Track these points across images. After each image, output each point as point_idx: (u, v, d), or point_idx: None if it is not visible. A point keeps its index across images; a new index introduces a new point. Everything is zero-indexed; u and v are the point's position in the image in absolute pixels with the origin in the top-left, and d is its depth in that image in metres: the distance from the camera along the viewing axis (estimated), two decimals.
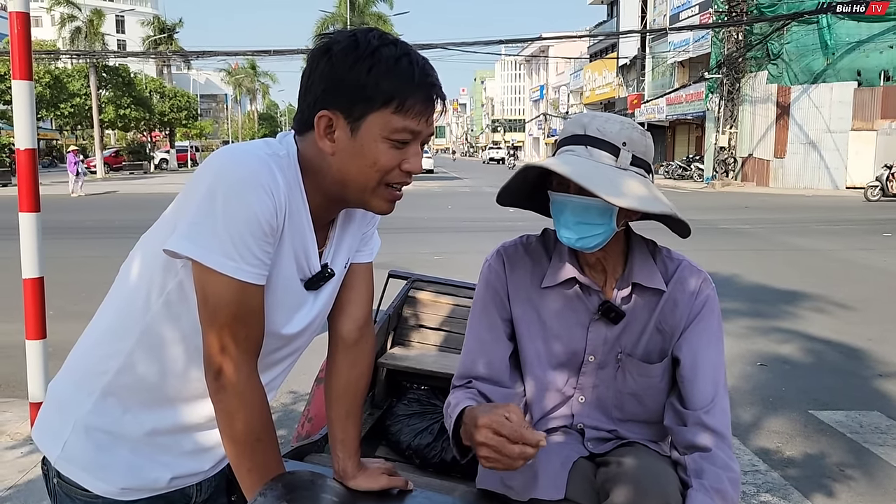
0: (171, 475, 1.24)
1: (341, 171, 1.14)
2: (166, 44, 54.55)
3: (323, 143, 1.13)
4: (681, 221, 1.41)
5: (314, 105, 1.13)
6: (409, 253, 9.59)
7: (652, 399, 1.47)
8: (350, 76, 1.10)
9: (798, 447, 3.75)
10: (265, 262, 1.11)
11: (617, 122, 1.38)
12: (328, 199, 1.20)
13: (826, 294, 7.41)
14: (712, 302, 1.45)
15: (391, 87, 1.09)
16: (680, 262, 1.47)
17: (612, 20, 47.80)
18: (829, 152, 24.97)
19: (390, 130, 1.11)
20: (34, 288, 3.57)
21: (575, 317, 1.46)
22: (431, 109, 1.14)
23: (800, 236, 12.54)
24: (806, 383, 4.77)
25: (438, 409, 1.99)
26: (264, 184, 1.07)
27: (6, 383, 4.68)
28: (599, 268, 1.46)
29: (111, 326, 1.23)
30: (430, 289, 2.33)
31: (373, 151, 1.12)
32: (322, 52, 1.13)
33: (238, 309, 1.10)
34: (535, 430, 1.20)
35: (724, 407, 1.41)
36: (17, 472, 3.18)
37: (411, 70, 1.11)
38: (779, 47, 26.31)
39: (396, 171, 1.15)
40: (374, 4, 39.62)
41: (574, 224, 1.36)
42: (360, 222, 1.35)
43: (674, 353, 1.44)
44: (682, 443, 1.40)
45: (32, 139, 3.51)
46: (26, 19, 3.41)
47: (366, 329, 1.40)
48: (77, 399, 1.23)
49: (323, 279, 1.25)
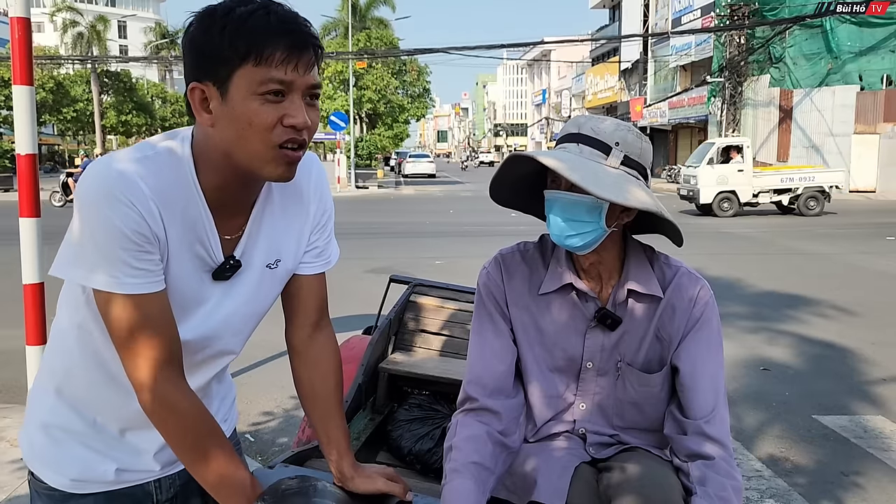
0: (117, 468, 1.27)
1: (224, 140, 1.10)
2: (168, 49, 54.73)
3: (201, 117, 1.10)
4: (675, 229, 1.39)
5: (187, 81, 1.11)
6: (411, 258, 9.58)
7: (652, 408, 1.45)
8: (207, 42, 1.07)
9: (802, 452, 3.73)
10: (149, 269, 1.10)
11: (612, 123, 1.38)
12: (224, 178, 1.15)
13: (829, 298, 7.38)
14: (711, 309, 1.43)
15: (247, 40, 1.05)
16: (678, 269, 1.45)
17: (615, 24, 47.83)
18: (831, 156, 24.95)
19: (256, 84, 1.06)
20: (34, 293, 3.56)
21: (572, 323, 1.44)
22: (299, 57, 1.08)
23: (803, 240, 12.52)
24: (809, 388, 4.75)
25: (440, 414, 1.98)
26: (120, 196, 1.06)
27: (6, 389, 4.67)
28: (595, 273, 1.44)
29: (58, 326, 1.27)
30: (432, 294, 2.31)
31: (245, 112, 1.07)
32: (185, 30, 1.12)
33: (134, 321, 1.10)
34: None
35: (724, 416, 1.40)
36: (17, 479, 3.16)
37: (265, 20, 1.07)
38: (781, 51, 26.30)
39: (279, 129, 1.08)
40: (375, 9, 39.74)
41: (563, 221, 1.34)
42: (295, 217, 1.31)
43: (673, 362, 1.43)
44: (684, 451, 1.38)
45: (33, 144, 3.50)
46: (27, 24, 3.41)
47: (317, 334, 1.38)
48: (39, 398, 1.30)
49: (228, 270, 1.22)
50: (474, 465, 1.33)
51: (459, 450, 1.36)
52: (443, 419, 1.95)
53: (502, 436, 1.41)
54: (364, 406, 2.05)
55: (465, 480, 1.30)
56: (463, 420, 1.43)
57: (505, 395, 1.45)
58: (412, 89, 40.75)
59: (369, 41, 34.58)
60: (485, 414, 1.42)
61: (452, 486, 1.30)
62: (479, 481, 1.31)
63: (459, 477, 1.31)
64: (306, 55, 1.09)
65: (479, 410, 1.43)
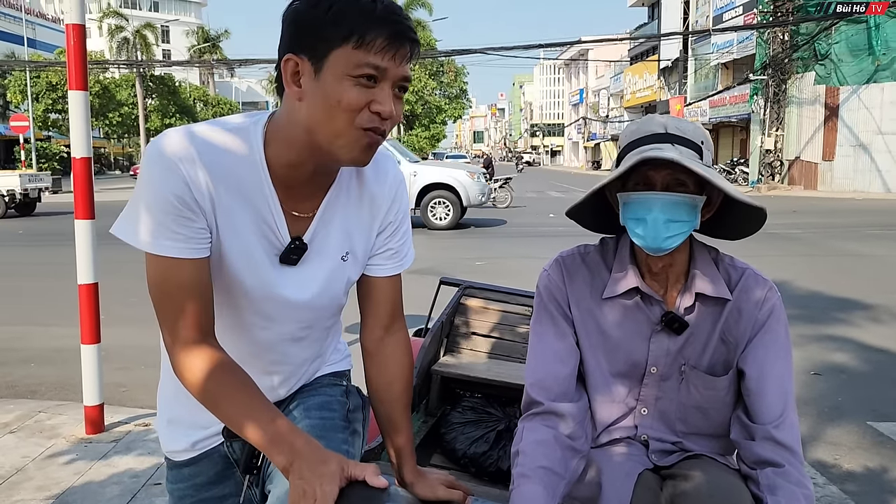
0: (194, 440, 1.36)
1: (309, 116, 1.12)
2: (210, 52, 55.68)
3: (291, 90, 1.13)
4: (755, 218, 1.41)
5: (282, 54, 1.13)
6: (451, 258, 9.59)
7: (717, 412, 1.43)
8: (311, 17, 1.10)
9: (857, 460, 3.63)
10: (188, 235, 1.13)
11: (690, 123, 1.37)
12: (299, 154, 1.16)
13: (882, 302, 7.17)
14: (778, 311, 1.41)
15: (351, 23, 1.08)
16: (744, 271, 1.43)
17: (654, 22, 47.28)
18: (880, 154, 24.29)
19: (353, 66, 1.08)
20: (89, 294, 3.64)
21: (636, 328, 1.43)
22: (397, 48, 1.10)
23: (852, 241, 12.20)
24: (863, 393, 4.62)
25: (493, 417, 1.97)
26: (168, 160, 1.10)
27: (61, 386, 4.79)
28: (663, 277, 1.42)
29: None
30: (481, 296, 2.31)
31: (337, 90, 1.09)
32: (288, 6, 1.14)
33: (164, 283, 1.13)
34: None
35: (793, 421, 1.37)
36: (73, 474, 3.24)
37: (372, 6, 1.09)
38: (826, 47, 25.69)
39: (366, 112, 1.10)
40: (413, 11, 39.92)
41: (663, 223, 1.31)
42: (372, 212, 1.31)
43: (739, 365, 1.40)
44: (751, 458, 1.35)
45: (88, 148, 3.59)
46: (82, 31, 3.49)
47: (388, 337, 1.39)
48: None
49: (293, 252, 1.22)
50: (543, 470, 1.32)
51: (527, 454, 1.35)
52: (496, 422, 1.94)
53: (570, 440, 1.39)
54: (417, 408, 2.06)
55: (533, 485, 1.29)
56: (529, 425, 1.42)
57: (570, 399, 1.43)
58: (449, 90, 40.82)
59: None
60: (551, 418, 1.41)
61: (521, 491, 1.29)
62: (548, 486, 1.30)
63: (528, 482, 1.30)
64: (404, 47, 1.11)
65: (544, 414, 1.41)
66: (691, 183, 1.32)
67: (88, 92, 3.63)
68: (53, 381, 4.90)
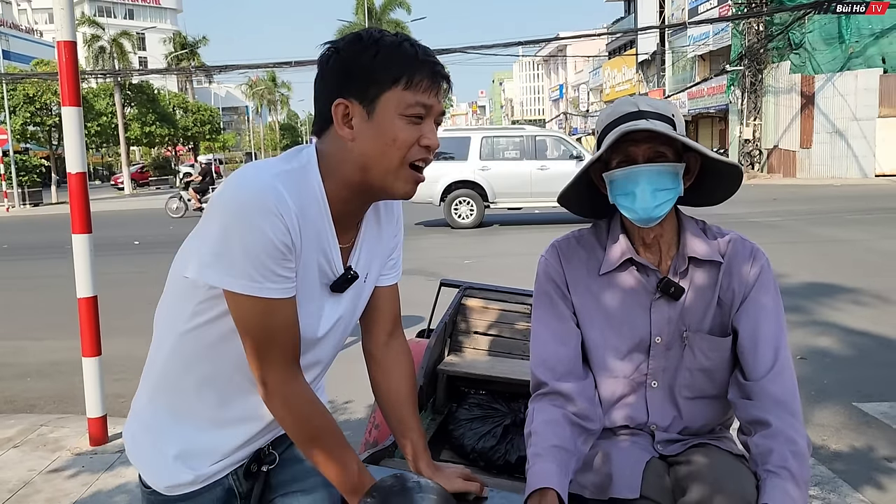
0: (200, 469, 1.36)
1: (363, 154, 1.20)
2: (188, 59, 55.29)
3: (343, 131, 1.21)
4: (732, 178, 1.51)
5: (330, 97, 1.21)
6: (438, 258, 9.66)
7: (721, 372, 1.49)
8: (359, 63, 1.19)
9: (844, 440, 3.74)
10: (287, 276, 1.19)
11: (660, 100, 1.48)
12: (352, 193, 1.26)
13: (863, 285, 7.33)
14: (767, 271, 1.49)
15: (398, 66, 1.18)
16: (731, 235, 1.52)
17: (630, 16, 47.54)
18: (856, 140, 24.62)
19: (405, 106, 1.19)
20: (88, 307, 3.67)
21: (636, 299, 1.49)
22: (438, 86, 1.22)
23: (832, 227, 12.40)
24: (848, 375, 4.74)
25: (499, 412, 2.05)
26: (272, 207, 1.14)
27: (59, 399, 4.80)
28: (655, 248, 1.50)
29: (157, 339, 1.35)
30: (481, 296, 2.39)
31: (391, 129, 1.19)
32: (330, 52, 1.23)
33: (269, 323, 1.19)
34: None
35: (786, 373, 1.42)
36: (80, 485, 3.29)
37: (413, 50, 1.21)
38: (801, 37, 26.00)
39: (416, 147, 1.21)
40: (391, 11, 39.91)
41: (651, 192, 1.40)
42: (386, 233, 1.42)
43: (733, 325, 1.47)
44: (746, 418, 1.42)
45: (83, 163, 3.63)
46: (73, 48, 3.52)
47: (392, 342, 1.49)
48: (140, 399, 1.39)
49: (347, 281, 1.31)
50: (555, 448, 1.39)
51: (538, 434, 1.42)
52: (502, 417, 2.02)
53: (578, 418, 1.46)
54: (425, 407, 2.13)
55: (547, 463, 1.37)
56: (538, 406, 1.49)
57: (575, 378, 1.50)
58: None
59: None
60: (557, 398, 1.48)
61: (535, 469, 1.37)
62: (560, 463, 1.38)
63: (542, 461, 1.37)
64: (442, 85, 1.22)
65: (551, 394, 1.49)
66: (670, 153, 1.42)
67: (82, 108, 3.66)
68: (51, 394, 4.91)
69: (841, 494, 3.14)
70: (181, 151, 55.04)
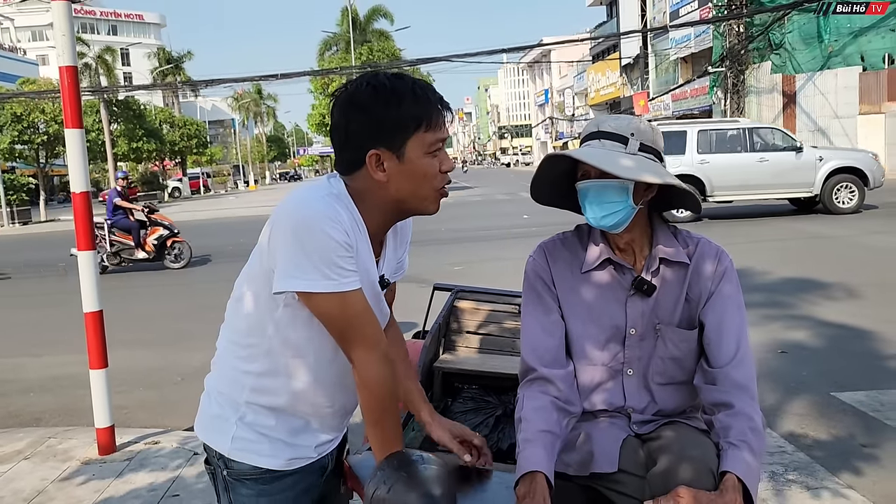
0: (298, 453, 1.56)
1: (399, 191, 1.43)
2: (174, 74, 55.31)
3: (378, 176, 1.42)
4: (692, 198, 1.67)
5: (360, 148, 1.41)
6: (432, 264, 9.81)
7: (690, 361, 1.67)
8: (387, 116, 1.39)
9: (822, 428, 3.91)
10: (355, 270, 1.39)
11: (626, 118, 1.66)
12: (386, 218, 1.49)
13: (843, 280, 7.53)
14: (730, 272, 1.67)
15: (418, 113, 1.39)
16: (699, 239, 1.70)
17: (613, 20, 47.97)
18: (838, 138, 24.98)
19: (428, 146, 1.41)
20: (95, 321, 3.81)
21: (613, 294, 1.67)
22: (445, 118, 1.44)
23: (815, 223, 12.64)
24: (826, 367, 4.93)
25: (491, 404, 2.21)
26: (332, 216, 1.35)
27: (64, 412, 4.93)
28: (630, 251, 1.68)
29: (241, 346, 1.52)
30: (471, 298, 2.56)
31: (422, 167, 1.42)
32: (348, 105, 1.42)
33: (351, 313, 1.39)
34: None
35: (746, 360, 1.60)
36: (93, 492, 3.42)
37: (424, 94, 1.41)
38: (780, 37, 26.39)
39: (439, 175, 1.44)
40: (374, 21, 40.11)
41: (597, 204, 1.60)
42: (399, 241, 1.64)
43: (700, 319, 1.65)
44: (709, 401, 1.59)
45: (86, 182, 3.77)
46: (75, 72, 3.67)
47: (388, 329, 1.66)
48: (233, 401, 1.53)
49: (383, 287, 1.54)
50: (542, 433, 1.56)
51: (528, 420, 1.59)
52: (494, 409, 2.18)
53: (562, 402, 1.63)
54: None
55: (536, 448, 1.53)
56: (528, 392, 1.66)
57: (560, 366, 1.67)
58: None
59: (371, 54, 34.93)
60: (545, 384, 1.65)
61: (525, 454, 1.53)
62: (547, 447, 1.54)
63: (531, 446, 1.54)
64: (446, 115, 1.43)
65: (539, 380, 1.65)
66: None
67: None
68: (55, 408, 5.03)
69: (818, 479, 3.30)
70: (168, 166, 54.99)
